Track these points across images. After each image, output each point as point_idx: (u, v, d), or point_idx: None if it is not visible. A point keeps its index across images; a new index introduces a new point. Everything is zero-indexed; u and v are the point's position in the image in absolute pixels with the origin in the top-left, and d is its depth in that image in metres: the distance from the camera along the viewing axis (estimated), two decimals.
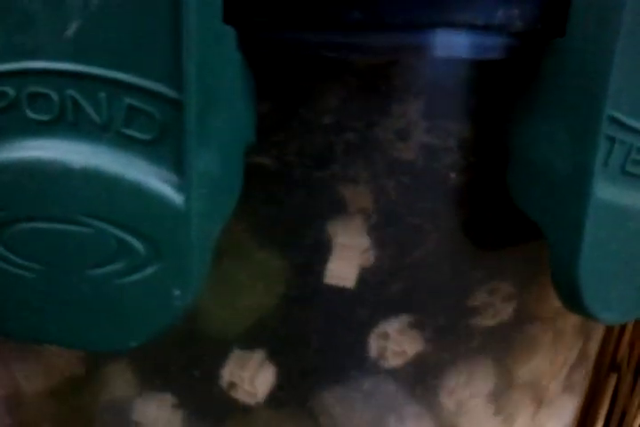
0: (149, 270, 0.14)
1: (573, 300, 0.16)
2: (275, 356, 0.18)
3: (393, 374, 0.19)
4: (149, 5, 0.13)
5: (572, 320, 0.22)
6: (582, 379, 0.27)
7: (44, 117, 0.14)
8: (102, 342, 0.14)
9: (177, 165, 0.13)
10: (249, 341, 0.18)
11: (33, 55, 0.13)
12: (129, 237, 0.14)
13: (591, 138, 0.15)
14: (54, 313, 0.14)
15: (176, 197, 0.13)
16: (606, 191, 0.15)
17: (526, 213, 0.16)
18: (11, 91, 0.13)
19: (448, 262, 0.18)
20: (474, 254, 0.18)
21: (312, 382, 0.19)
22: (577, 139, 0.15)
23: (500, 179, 0.17)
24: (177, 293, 0.14)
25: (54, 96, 0.13)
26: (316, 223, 0.17)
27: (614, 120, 0.15)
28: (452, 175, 0.17)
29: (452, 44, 0.15)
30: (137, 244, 0.14)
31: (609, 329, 0.38)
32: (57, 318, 0.14)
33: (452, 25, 0.15)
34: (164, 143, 0.13)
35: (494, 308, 0.19)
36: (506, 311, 0.20)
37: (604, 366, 0.39)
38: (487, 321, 0.19)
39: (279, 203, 0.17)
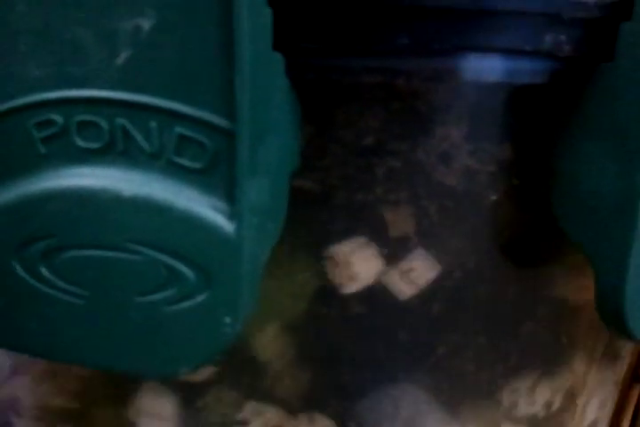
0: (200, 298, 0.14)
1: (618, 324, 0.16)
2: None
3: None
4: (201, 33, 0.13)
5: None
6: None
7: (94, 145, 0.13)
8: (152, 368, 0.14)
9: (228, 193, 0.13)
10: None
11: (82, 83, 0.13)
12: (179, 265, 0.14)
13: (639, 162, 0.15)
14: (103, 339, 0.14)
15: (227, 226, 0.13)
16: None
17: (570, 236, 0.16)
18: (59, 119, 0.13)
19: (488, 284, 0.18)
20: (513, 276, 0.18)
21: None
22: (624, 163, 0.15)
23: (541, 201, 0.17)
24: (227, 320, 0.14)
25: (104, 124, 0.13)
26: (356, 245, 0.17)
27: None
28: (494, 198, 0.17)
29: (498, 68, 0.15)
30: (187, 271, 0.14)
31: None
32: (105, 343, 0.14)
33: (500, 50, 0.15)
34: (215, 172, 0.13)
35: (532, 330, 0.19)
36: (544, 330, 0.20)
37: (627, 378, 0.39)
38: (526, 338, 0.19)
39: (321, 225, 0.17)
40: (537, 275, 0.19)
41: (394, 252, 0.17)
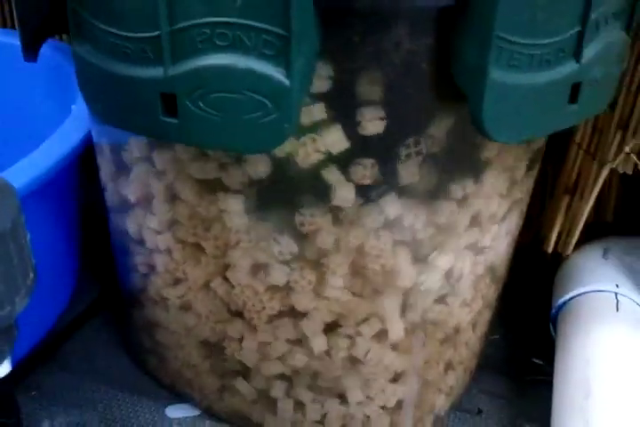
0: (273, 115, 0.30)
1: (480, 129, 0.32)
2: None
3: None
4: None
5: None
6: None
7: (224, 44, 0.29)
8: (252, 149, 0.31)
9: (287, 66, 0.29)
10: None
11: (219, 14, 0.29)
12: (265, 100, 0.30)
13: (488, 47, 0.30)
14: (227, 132, 0.31)
15: (286, 81, 0.29)
16: (497, 74, 0.31)
17: (459, 85, 0.32)
18: (208, 31, 0.29)
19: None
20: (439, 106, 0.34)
21: None
22: (482, 47, 0.30)
23: (448, 68, 0.32)
24: (287, 126, 0.30)
25: (229, 34, 0.29)
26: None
27: (500, 37, 0.30)
28: (424, 66, 0.33)
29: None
30: (267, 102, 0.30)
31: (563, 161, 0.53)
32: (228, 136, 0.31)
33: None
34: (281, 56, 0.29)
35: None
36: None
37: (560, 189, 0.54)
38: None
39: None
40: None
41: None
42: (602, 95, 0.36)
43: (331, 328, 0.41)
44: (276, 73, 0.29)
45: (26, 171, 0.43)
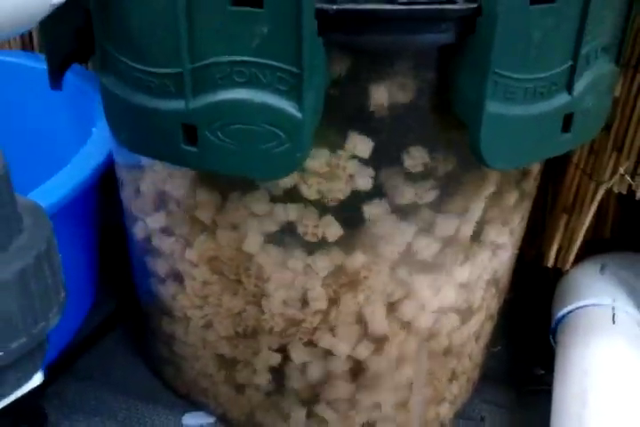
0: (287, 145, 0.32)
1: (478, 156, 0.34)
2: None
3: None
4: (291, 30, 0.30)
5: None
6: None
7: (242, 80, 0.32)
8: (266, 175, 0.33)
9: (299, 100, 0.31)
10: None
11: (237, 53, 0.31)
12: (279, 131, 0.32)
13: (484, 82, 0.32)
14: (244, 160, 0.33)
15: (298, 114, 0.32)
16: (493, 106, 0.33)
17: (459, 116, 0.34)
18: (227, 69, 0.32)
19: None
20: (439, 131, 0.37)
21: None
22: (479, 82, 0.33)
23: (448, 100, 0.35)
24: (299, 155, 0.32)
25: (246, 71, 0.31)
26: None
27: (496, 73, 0.32)
28: (424, 102, 0.35)
29: (427, 39, 0.33)
30: (282, 134, 0.32)
31: (562, 181, 0.55)
32: (244, 164, 0.33)
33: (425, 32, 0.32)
34: (293, 91, 0.31)
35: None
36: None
37: (559, 208, 0.57)
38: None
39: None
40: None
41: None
42: (593, 123, 0.38)
43: None
44: (289, 107, 0.32)
45: (50, 192, 0.45)
